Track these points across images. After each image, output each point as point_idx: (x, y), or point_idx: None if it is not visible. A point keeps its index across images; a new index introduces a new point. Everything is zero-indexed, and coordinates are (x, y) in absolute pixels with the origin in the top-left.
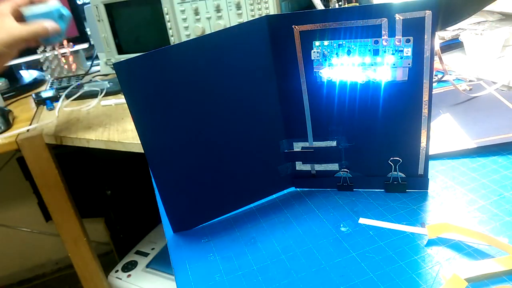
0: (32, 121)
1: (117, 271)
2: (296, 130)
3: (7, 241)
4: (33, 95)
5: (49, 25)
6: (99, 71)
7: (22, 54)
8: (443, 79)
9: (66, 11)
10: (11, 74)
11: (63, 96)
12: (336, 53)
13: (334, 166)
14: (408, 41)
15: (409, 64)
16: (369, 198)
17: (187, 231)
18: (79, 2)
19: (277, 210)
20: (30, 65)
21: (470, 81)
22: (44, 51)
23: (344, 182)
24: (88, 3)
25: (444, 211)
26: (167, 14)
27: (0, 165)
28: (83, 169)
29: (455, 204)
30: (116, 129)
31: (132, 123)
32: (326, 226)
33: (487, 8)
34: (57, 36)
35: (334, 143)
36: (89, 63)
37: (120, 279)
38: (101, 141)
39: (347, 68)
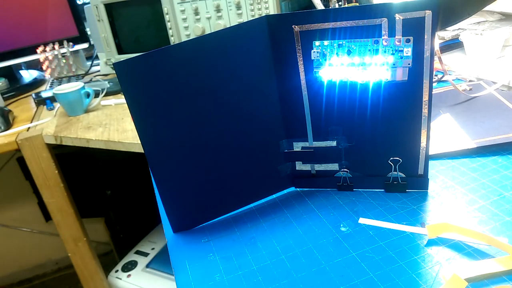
0: (32, 121)
1: (117, 271)
2: (296, 130)
3: (7, 241)
4: (33, 95)
5: None
6: (99, 71)
7: (22, 54)
8: (443, 79)
9: (90, 90)
10: (11, 74)
11: None
12: (336, 53)
13: (334, 166)
14: (408, 41)
15: (409, 64)
16: (369, 198)
17: (187, 231)
18: (79, 2)
19: (277, 210)
20: (30, 65)
21: (470, 81)
22: (44, 51)
23: (344, 182)
24: (88, 3)
25: (444, 211)
26: (167, 14)
27: (0, 165)
28: (83, 169)
29: (455, 204)
30: (116, 129)
31: (132, 123)
32: (326, 226)
33: (487, 8)
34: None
35: (334, 143)
36: (89, 63)
37: (120, 279)
38: (101, 141)
39: (347, 68)
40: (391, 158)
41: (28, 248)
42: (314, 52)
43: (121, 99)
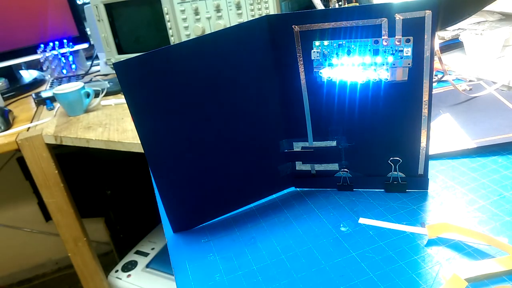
0: (32, 121)
1: (117, 271)
2: (296, 130)
3: (7, 241)
4: (33, 95)
5: None
6: (99, 71)
7: (22, 54)
8: (443, 79)
9: (90, 90)
10: (11, 74)
11: None
12: (336, 53)
13: (334, 166)
14: (408, 41)
15: (409, 64)
16: (369, 198)
17: (187, 231)
18: (79, 2)
19: (277, 210)
20: (30, 65)
21: (470, 81)
22: (44, 51)
23: (344, 182)
24: (88, 3)
25: (444, 211)
26: (167, 14)
27: (0, 165)
28: (83, 169)
29: (455, 204)
30: (116, 129)
31: (132, 123)
32: (326, 226)
33: (487, 8)
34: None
35: (334, 143)
36: (89, 63)
37: (120, 279)
38: (101, 141)
39: (347, 68)
40: (391, 158)
41: (28, 248)
42: (314, 52)
43: (121, 99)
